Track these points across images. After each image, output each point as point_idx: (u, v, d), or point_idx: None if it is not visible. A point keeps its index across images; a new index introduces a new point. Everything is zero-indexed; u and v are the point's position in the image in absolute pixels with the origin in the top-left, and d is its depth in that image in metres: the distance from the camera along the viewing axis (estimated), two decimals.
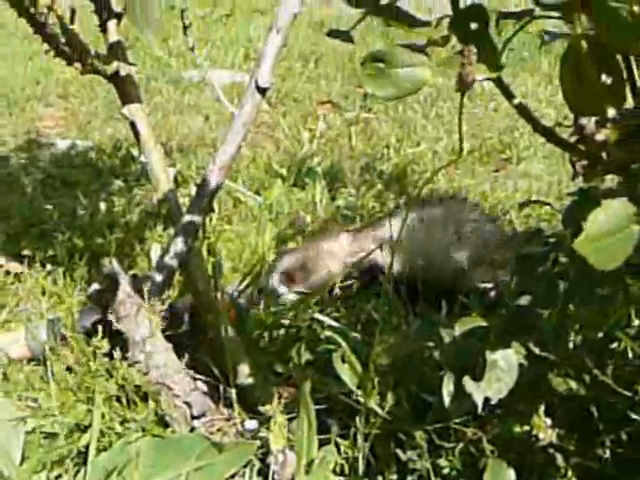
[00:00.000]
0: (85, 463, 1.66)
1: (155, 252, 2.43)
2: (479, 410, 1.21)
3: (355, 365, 1.59)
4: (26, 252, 2.70)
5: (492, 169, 3.61)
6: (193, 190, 2.61)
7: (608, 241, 0.96)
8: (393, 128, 4.06)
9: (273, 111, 4.33)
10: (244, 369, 1.85)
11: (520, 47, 5.09)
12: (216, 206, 2.99)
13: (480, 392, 1.21)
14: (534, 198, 3.04)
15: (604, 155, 1.06)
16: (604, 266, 0.95)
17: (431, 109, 4.35)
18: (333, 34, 1.18)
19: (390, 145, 3.81)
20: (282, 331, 2.14)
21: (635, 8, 0.99)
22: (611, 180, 1.39)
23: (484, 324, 1.29)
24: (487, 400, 1.24)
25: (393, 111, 4.31)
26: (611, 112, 1.03)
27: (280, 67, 4.92)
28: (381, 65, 1.02)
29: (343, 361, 1.61)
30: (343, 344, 1.65)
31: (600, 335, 1.54)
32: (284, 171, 3.42)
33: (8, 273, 2.58)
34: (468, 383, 1.22)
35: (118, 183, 3.44)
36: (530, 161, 3.68)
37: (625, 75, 1.05)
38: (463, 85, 0.99)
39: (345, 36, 1.17)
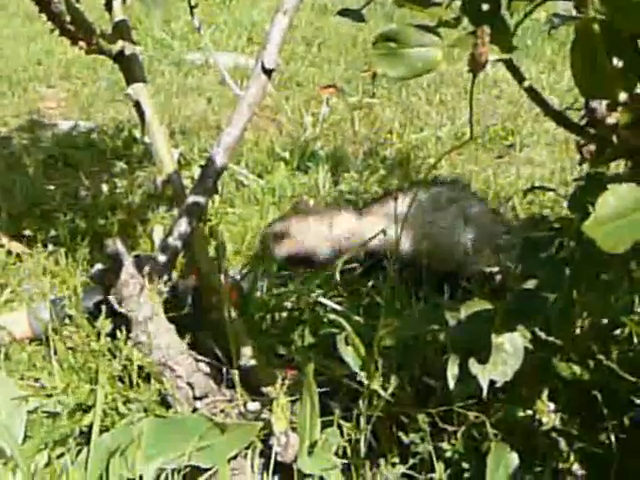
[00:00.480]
0: (87, 443, 1.65)
1: (157, 233, 2.42)
2: (484, 393, 1.21)
3: (359, 347, 1.59)
4: (28, 232, 2.70)
5: (495, 155, 3.60)
6: (196, 172, 2.62)
7: (617, 224, 0.95)
8: (396, 113, 4.05)
9: (276, 95, 4.31)
10: (247, 351, 1.85)
11: (524, 33, 5.07)
12: (219, 189, 2.99)
13: (486, 375, 1.21)
14: (537, 184, 3.03)
15: (614, 139, 1.06)
16: (612, 249, 0.95)
17: (435, 95, 4.33)
18: (344, 13, 1.18)
19: (393, 130, 3.80)
20: (284, 314, 2.14)
21: None
22: (615, 167, 1.39)
23: (490, 307, 1.29)
24: (492, 384, 1.24)
25: (396, 96, 4.30)
26: (622, 96, 1.02)
27: (283, 51, 4.88)
28: (393, 45, 1.02)
29: (347, 343, 1.61)
30: (347, 327, 1.64)
31: (605, 321, 1.54)
32: (287, 155, 3.41)
33: (10, 253, 2.58)
34: (474, 365, 1.22)
35: (120, 165, 3.43)
36: (533, 148, 3.67)
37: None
38: (476, 66, 0.98)
39: (356, 15, 1.16)
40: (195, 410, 1.75)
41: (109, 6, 2.02)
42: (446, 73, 4.55)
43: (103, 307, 1.80)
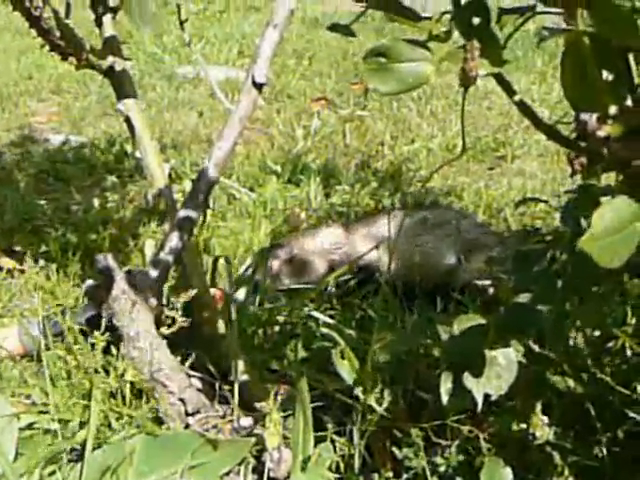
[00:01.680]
0: (79, 460, 1.64)
1: (149, 248, 2.42)
2: (479, 407, 1.20)
3: (353, 361, 1.59)
4: (19, 248, 2.69)
5: (487, 167, 3.61)
6: (187, 186, 2.61)
7: (612, 239, 0.95)
8: (387, 125, 4.06)
9: (267, 108, 4.32)
10: (239, 366, 1.84)
11: (513, 45, 5.09)
12: (211, 202, 2.99)
13: (480, 389, 1.21)
14: (529, 196, 3.04)
15: (605, 152, 1.05)
16: (609, 264, 0.95)
17: (425, 107, 4.34)
18: (333, 28, 1.17)
19: (384, 142, 3.81)
20: (277, 328, 2.13)
21: (637, 3, 0.98)
22: (606, 179, 1.39)
23: (482, 321, 1.28)
24: (486, 398, 1.23)
25: (388, 109, 4.31)
26: (612, 109, 1.02)
27: (274, 64, 4.90)
28: (383, 60, 1.02)
29: (342, 357, 1.60)
30: (340, 341, 1.64)
31: (598, 333, 1.54)
32: (278, 168, 3.41)
33: (1, 269, 2.57)
34: (468, 379, 1.21)
35: (112, 179, 3.43)
36: (524, 159, 3.68)
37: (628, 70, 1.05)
38: (466, 80, 0.98)
39: (346, 30, 1.16)
40: (187, 426, 1.74)
41: (99, 22, 2.01)
42: (437, 85, 4.56)
43: (96, 323, 1.79)
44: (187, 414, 1.74)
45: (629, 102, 1.02)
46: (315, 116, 4.08)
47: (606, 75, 1.01)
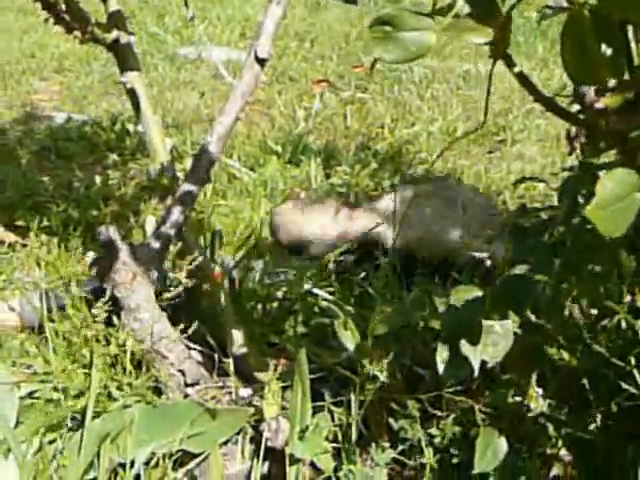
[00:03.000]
0: (79, 428, 1.67)
1: (150, 224, 2.43)
2: (475, 373, 1.22)
3: (354, 333, 1.61)
4: (21, 222, 2.71)
5: (487, 150, 3.62)
6: (189, 165, 2.62)
7: (615, 208, 0.97)
8: (388, 108, 4.07)
9: (269, 89, 4.33)
10: (239, 339, 1.86)
11: (515, 31, 5.09)
12: (212, 179, 3.00)
13: (477, 356, 1.22)
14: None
15: (603, 124, 1.07)
16: (611, 233, 0.96)
17: (426, 90, 4.35)
18: None
19: (385, 125, 3.82)
20: (276, 304, 2.15)
21: None
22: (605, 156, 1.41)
23: (479, 293, 1.30)
24: (482, 368, 1.25)
25: (388, 91, 4.31)
26: (611, 82, 1.04)
27: (276, 46, 4.91)
28: (388, 28, 1.03)
29: (345, 329, 1.62)
30: (340, 314, 1.66)
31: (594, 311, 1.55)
32: (279, 148, 3.43)
33: (2, 243, 2.59)
34: (465, 347, 1.23)
35: (113, 157, 3.44)
36: (524, 143, 3.69)
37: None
38: (496, 51, 1.00)
39: None
40: (187, 397, 1.76)
41: None
42: (438, 69, 4.57)
43: (100, 294, 1.80)
44: (186, 385, 1.76)
45: (627, 76, 1.04)
46: (316, 98, 4.09)
47: (604, 49, 1.03)
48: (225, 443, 1.66)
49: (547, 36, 5.07)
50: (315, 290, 2.07)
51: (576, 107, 1.16)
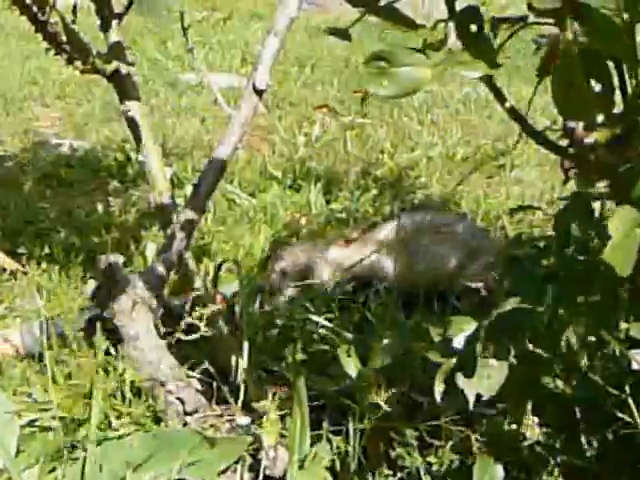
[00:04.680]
0: (78, 457, 1.67)
1: (150, 251, 2.46)
2: (470, 406, 1.23)
3: (356, 360, 1.62)
4: (22, 250, 2.72)
5: (486, 176, 3.63)
6: (189, 192, 2.64)
7: (625, 245, 0.98)
8: (388, 133, 4.09)
9: (269, 115, 4.35)
10: (238, 367, 1.87)
11: (515, 55, 5.12)
12: (211, 207, 3.02)
13: (472, 388, 1.23)
14: (526, 204, 3.06)
15: (593, 158, 1.09)
16: (624, 272, 0.98)
17: (426, 115, 4.38)
18: (332, 32, 1.21)
19: (385, 150, 3.84)
20: (276, 331, 2.16)
21: (624, 15, 1.02)
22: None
23: (475, 324, 1.31)
24: (478, 398, 1.26)
25: (388, 116, 4.34)
26: (600, 117, 1.06)
27: (277, 72, 4.95)
28: (383, 64, 1.05)
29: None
30: (343, 340, 1.67)
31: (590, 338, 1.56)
32: (279, 174, 3.44)
33: (4, 270, 2.60)
34: (460, 379, 1.24)
35: (115, 184, 3.45)
36: (523, 168, 3.70)
37: (617, 80, 1.08)
38: (543, 70, 1.03)
39: (343, 34, 1.19)
40: (186, 425, 1.76)
41: (104, 27, 2.05)
42: (437, 94, 4.60)
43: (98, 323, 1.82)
44: (185, 413, 1.77)
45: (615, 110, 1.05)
46: (316, 123, 4.12)
47: (594, 84, 1.05)
48: (224, 471, 1.67)
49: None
50: (314, 318, 2.08)
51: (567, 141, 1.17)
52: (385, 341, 1.71)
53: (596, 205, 1.36)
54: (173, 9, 2.07)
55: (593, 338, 1.55)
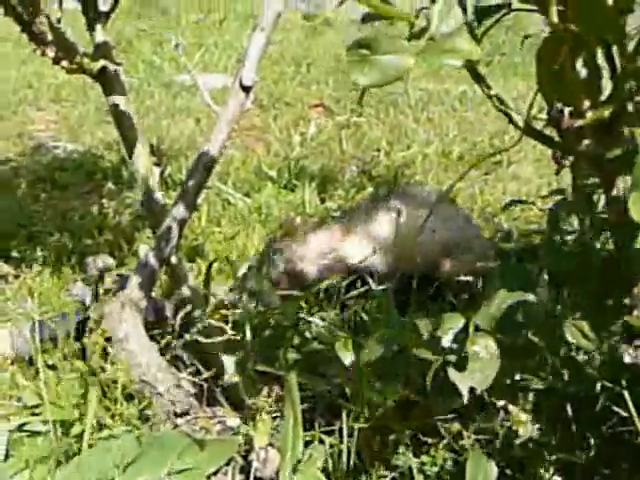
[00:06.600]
0: (68, 461, 1.65)
1: (143, 252, 2.43)
2: (464, 400, 1.21)
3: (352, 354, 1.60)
4: (15, 253, 2.70)
5: (482, 172, 3.61)
6: None
7: None
8: (384, 132, 4.07)
9: (265, 114, 4.33)
10: (229, 368, 1.85)
11: (511, 51, 5.10)
12: (205, 208, 3.00)
13: (465, 382, 1.21)
14: (520, 199, 3.04)
15: (579, 148, 1.06)
16: None
17: (422, 113, 4.35)
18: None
19: (381, 148, 3.82)
20: (268, 331, 2.14)
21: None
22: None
23: (464, 319, 1.29)
24: (471, 392, 1.24)
25: (384, 115, 4.32)
26: (586, 103, 1.03)
27: (273, 71, 4.94)
28: (365, 51, 1.03)
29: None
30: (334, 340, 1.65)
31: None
32: (274, 173, 3.42)
33: None
34: (452, 374, 1.22)
35: (109, 186, 3.43)
36: (520, 164, 3.68)
37: (607, 64, 1.06)
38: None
39: None
40: (176, 427, 1.74)
41: (91, 28, 2.03)
42: (433, 92, 4.58)
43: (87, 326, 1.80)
44: (176, 415, 1.75)
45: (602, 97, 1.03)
46: (312, 123, 4.10)
47: (580, 69, 1.03)
48: (215, 473, 1.65)
49: None
50: (307, 317, 2.06)
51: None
52: (378, 337, 1.69)
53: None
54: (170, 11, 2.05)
55: (589, 332, 1.53)
